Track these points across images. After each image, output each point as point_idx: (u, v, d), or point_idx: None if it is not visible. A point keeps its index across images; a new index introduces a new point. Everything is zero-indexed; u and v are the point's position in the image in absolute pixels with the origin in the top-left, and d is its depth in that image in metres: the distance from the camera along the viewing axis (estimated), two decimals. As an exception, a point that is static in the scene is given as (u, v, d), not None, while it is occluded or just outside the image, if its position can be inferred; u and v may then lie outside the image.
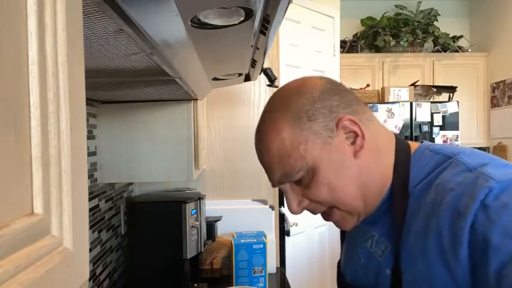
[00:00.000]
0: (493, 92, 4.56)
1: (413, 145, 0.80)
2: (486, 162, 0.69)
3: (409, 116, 3.99)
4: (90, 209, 1.45)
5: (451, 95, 4.26)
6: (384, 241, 0.78)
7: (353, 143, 0.74)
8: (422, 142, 0.81)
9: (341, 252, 0.96)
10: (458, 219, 0.65)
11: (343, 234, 0.96)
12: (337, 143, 0.73)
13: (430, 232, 0.68)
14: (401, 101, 4.05)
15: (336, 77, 3.36)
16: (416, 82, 4.33)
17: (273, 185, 0.80)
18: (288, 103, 0.75)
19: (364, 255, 0.82)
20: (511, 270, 0.59)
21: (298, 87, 0.77)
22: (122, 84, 1.10)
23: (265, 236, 1.86)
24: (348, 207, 0.75)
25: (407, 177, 0.75)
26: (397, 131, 3.97)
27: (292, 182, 0.76)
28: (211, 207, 1.96)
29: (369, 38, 4.64)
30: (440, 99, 4.22)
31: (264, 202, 2.09)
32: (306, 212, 0.81)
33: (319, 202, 0.76)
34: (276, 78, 1.61)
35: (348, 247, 0.91)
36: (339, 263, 0.96)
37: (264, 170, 0.80)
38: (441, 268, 0.66)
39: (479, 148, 4.64)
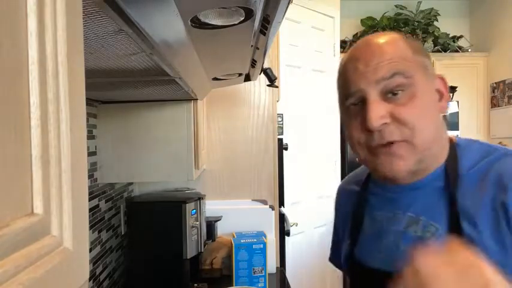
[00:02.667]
0: (493, 92, 4.56)
1: (452, 138, 0.87)
2: None
3: (409, 116, 3.99)
4: (90, 209, 1.45)
5: (451, 95, 4.26)
6: (432, 223, 0.79)
7: (438, 101, 0.82)
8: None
9: (353, 243, 0.94)
10: None
11: (357, 225, 0.94)
12: (433, 88, 0.81)
13: (499, 212, 0.73)
14: (401, 101, 4.04)
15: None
16: (416, 82, 4.32)
17: (359, 91, 0.79)
18: (404, 37, 0.84)
19: (405, 241, 0.82)
20: None
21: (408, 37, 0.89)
22: (122, 84, 1.10)
23: (265, 236, 1.86)
24: (423, 140, 0.77)
25: (457, 162, 0.81)
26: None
27: (383, 97, 0.77)
28: (211, 207, 1.96)
29: (369, 38, 4.63)
30: (440, 99, 4.22)
31: (264, 202, 2.09)
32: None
33: (404, 122, 0.76)
34: (276, 78, 1.61)
35: (373, 238, 0.89)
36: (350, 255, 0.93)
37: (356, 73, 0.80)
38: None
39: (479, 148, 4.61)
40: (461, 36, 4.75)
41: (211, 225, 1.84)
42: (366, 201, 0.94)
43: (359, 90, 0.80)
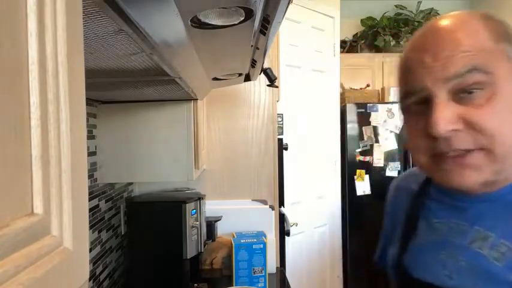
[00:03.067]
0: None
1: None
2: None
3: (409, 116, 3.99)
4: (90, 209, 1.45)
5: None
6: (504, 242, 0.67)
7: None
8: None
9: (400, 249, 0.82)
10: None
11: (409, 230, 0.82)
12: None
13: None
14: (402, 101, 4.04)
15: (336, 77, 3.37)
16: (416, 82, 4.32)
17: (432, 84, 0.65)
18: (485, 19, 0.68)
19: (467, 258, 0.70)
20: None
21: (489, 15, 0.70)
22: (122, 84, 1.10)
23: (265, 236, 1.86)
24: (504, 150, 0.63)
25: None
26: (397, 131, 3.97)
27: (454, 96, 0.64)
28: (211, 207, 1.96)
29: (369, 38, 4.64)
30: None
31: (264, 202, 2.09)
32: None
33: (480, 130, 0.63)
34: (276, 78, 1.61)
35: (428, 247, 0.77)
36: (397, 262, 0.83)
37: (422, 67, 0.66)
38: None
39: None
40: (461, 36, 4.75)
41: (211, 225, 1.84)
42: (423, 205, 0.81)
43: (424, 89, 0.66)
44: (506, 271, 0.65)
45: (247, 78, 1.31)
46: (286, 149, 2.42)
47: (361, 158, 3.55)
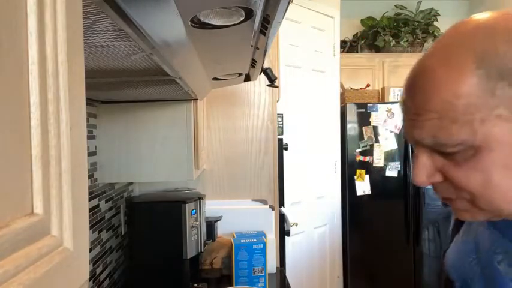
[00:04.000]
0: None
1: None
2: None
3: (409, 116, 3.99)
4: (90, 209, 1.45)
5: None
6: None
7: None
8: None
9: (449, 241, 0.78)
10: None
11: (457, 228, 0.78)
12: None
13: None
14: (401, 101, 4.04)
15: (336, 77, 3.37)
16: (416, 82, 4.32)
17: (409, 140, 0.59)
18: (487, 49, 0.51)
19: (486, 270, 0.65)
20: None
21: (509, 33, 0.51)
22: (122, 84, 1.10)
23: (265, 236, 1.86)
24: (491, 207, 0.56)
25: None
26: (397, 131, 3.97)
27: (434, 150, 0.56)
28: (211, 207, 1.96)
29: (369, 38, 4.64)
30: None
31: (264, 202, 2.09)
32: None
33: (459, 188, 0.56)
34: (276, 78, 1.61)
35: (461, 249, 0.73)
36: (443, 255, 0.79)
37: (405, 117, 0.59)
38: None
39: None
40: (461, 36, 4.75)
41: (211, 225, 1.84)
42: None
43: (407, 139, 0.60)
44: None
45: (247, 78, 1.31)
46: (286, 149, 2.42)
47: (361, 158, 3.55)
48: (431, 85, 0.53)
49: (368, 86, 4.41)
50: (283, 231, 2.26)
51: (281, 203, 2.28)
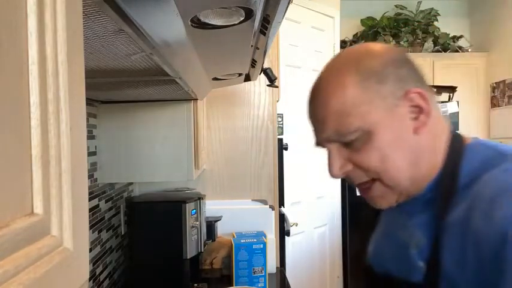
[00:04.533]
0: (493, 92, 4.56)
1: (466, 139, 0.77)
2: None
3: (409, 116, 3.99)
4: (90, 209, 1.45)
5: (451, 95, 4.26)
6: (419, 233, 0.75)
7: (415, 119, 0.72)
8: (475, 138, 0.79)
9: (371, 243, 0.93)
10: (494, 214, 0.63)
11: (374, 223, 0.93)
12: (401, 113, 0.71)
13: (472, 232, 0.66)
14: (401, 101, 4.04)
15: (336, 77, 3.36)
16: (416, 82, 4.32)
17: (319, 143, 0.76)
18: (357, 61, 0.73)
19: (397, 246, 0.79)
20: None
21: (370, 49, 0.75)
22: (122, 84, 1.10)
23: (265, 236, 1.86)
24: (394, 181, 0.72)
25: (458, 171, 0.73)
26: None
27: (340, 144, 0.72)
28: (211, 207, 1.96)
29: (369, 38, 4.64)
30: (440, 99, 4.22)
31: (264, 202, 2.09)
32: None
33: (365, 169, 0.72)
34: (276, 78, 1.61)
35: (380, 237, 0.88)
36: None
37: (313, 127, 0.77)
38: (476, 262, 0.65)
39: (479, 148, 4.61)
40: (461, 36, 4.75)
41: (211, 225, 1.84)
42: None
43: (319, 143, 0.76)
44: (417, 257, 0.74)
45: (247, 78, 1.31)
46: (286, 149, 2.42)
47: (361, 158, 3.55)
48: (326, 96, 0.73)
49: (368, 86, 4.40)
50: (283, 231, 2.26)
51: (281, 203, 2.28)
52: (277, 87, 1.81)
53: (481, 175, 0.69)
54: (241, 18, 0.58)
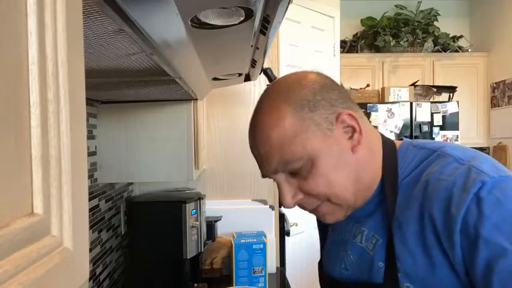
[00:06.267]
0: (493, 92, 4.56)
1: (397, 142, 0.83)
2: (474, 156, 0.73)
3: (409, 116, 3.99)
4: (90, 209, 1.45)
5: (451, 95, 4.26)
6: (374, 235, 0.80)
7: (350, 138, 0.76)
8: (402, 139, 0.85)
9: (321, 253, 0.97)
10: (451, 207, 0.67)
11: (323, 235, 0.97)
12: (336, 136, 0.75)
13: (425, 221, 0.71)
14: (401, 101, 4.05)
15: (336, 77, 3.36)
16: (416, 82, 4.33)
17: (266, 175, 0.79)
18: (288, 93, 0.76)
19: (354, 252, 0.83)
20: (499, 265, 0.63)
21: (298, 80, 0.78)
22: (122, 84, 1.10)
23: (265, 236, 1.86)
24: (341, 200, 0.76)
25: (396, 172, 0.78)
26: (397, 131, 3.97)
27: (288, 174, 0.76)
28: (211, 207, 1.96)
29: (369, 38, 4.64)
30: (440, 99, 4.22)
31: (264, 202, 2.09)
32: (305, 212, 0.82)
33: (314, 195, 0.76)
34: (275, 78, 1.61)
35: (333, 246, 0.91)
36: (320, 263, 0.96)
37: (257, 160, 0.79)
38: (439, 254, 0.69)
39: (479, 148, 4.65)
40: (461, 36, 4.75)
41: (211, 225, 1.84)
42: None
43: (266, 176, 0.79)
44: (376, 258, 0.78)
45: (247, 78, 1.31)
46: (286, 149, 2.42)
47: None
48: (266, 130, 0.75)
49: (368, 86, 4.41)
50: (283, 231, 2.26)
51: (281, 203, 2.28)
52: (277, 87, 1.80)
53: (420, 175, 0.75)
54: (241, 18, 0.58)
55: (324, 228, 0.97)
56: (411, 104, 4.01)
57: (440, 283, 0.70)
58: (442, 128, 4.04)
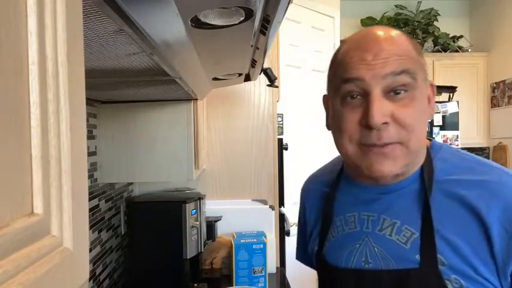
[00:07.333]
0: (493, 92, 4.56)
1: (426, 141, 0.86)
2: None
3: (409, 116, 3.99)
4: (90, 209, 1.45)
5: (451, 95, 4.26)
6: (408, 228, 0.79)
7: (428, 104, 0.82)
8: (430, 139, 0.88)
9: (320, 245, 0.93)
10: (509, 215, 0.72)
11: (325, 225, 0.93)
12: (426, 94, 0.81)
13: (475, 222, 0.73)
14: (401, 101, 4.04)
15: (336, 77, 3.36)
16: (416, 82, 4.32)
17: (363, 87, 0.76)
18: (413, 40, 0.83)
19: (380, 245, 0.81)
20: None
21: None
22: (122, 84, 1.10)
23: (265, 236, 1.86)
24: (416, 145, 0.77)
25: (432, 167, 0.81)
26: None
27: (386, 95, 0.75)
28: (211, 207, 1.96)
29: (369, 38, 4.63)
30: (440, 99, 4.22)
31: (264, 202, 2.09)
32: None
33: (402, 125, 0.75)
34: (276, 78, 1.61)
35: (344, 239, 0.87)
36: (317, 255, 0.93)
37: (365, 64, 0.76)
38: (484, 251, 0.73)
39: (479, 148, 4.63)
40: (461, 36, 4.75)
41: (211, 225, 1.84)
42: (335, 201, 0.92)
43: (363, 81, 0.76)
44: (412, 251, 0.77)
45: (247, 78, 1.31)
46: (286, 149, 2.42)
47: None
48: (400, 37, 0.79)
49: (368, 86, 4.40)
50: (283, 231, 2.26)
51: (281, 203, 2.28)
52: (277, 87, 1.81)
53: (466, 174, 0.78)
54: (241, 18, 0.58)
55: (328, 219, 0.92)
56: (411, 104, 4.00)
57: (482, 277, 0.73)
58: (442, 128, 4.04)
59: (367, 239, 0.83)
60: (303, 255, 1.07)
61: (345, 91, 0.79)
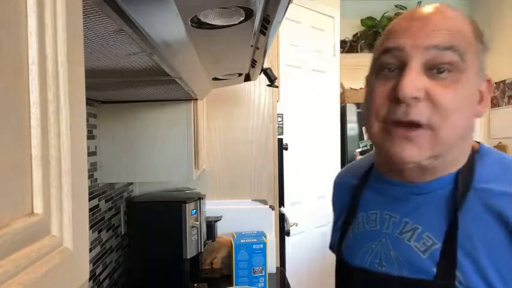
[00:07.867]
0: (493, 92, 4.56)
1: (475, 144, 0.77)
2: None
3: (409, 116, 3.99)
4: (90, 209, 1.45)
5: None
6: (429, 236, 0.71)
7: (480, 102, 0.72)
8: (479, 142, 0.79)
9: (340, 239, 0.89)
10: None
11: (348, 220, 0.88)
12: (478, 88, 0.71)
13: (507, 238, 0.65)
14: (401, 101, 4.04)
15: (336, 77, 3.37)
16: (416, 82, 4.32)
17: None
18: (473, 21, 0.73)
19: (397, 249, 0.74)
20: None
21: None
22: (122, 84, 1.09)
23: (265, 236, 1.86)
24: (449, 136, 0.67)
25: (473, 172, 0.71)
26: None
27: (427, 71, 0.67)
28: (211, 207, 1.96)
29: (369, 38, 4.64)
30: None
31: (264, 202, 2.09)
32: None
33: (437, 105, 0.65)
34: (276, 78, 1.61)
35: (362, 236, 0.82)
36: (333, 248, 0.90)
37: (416, 29, 0.68)
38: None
39: (479, 148, 4.61)
40: (461, 36, 4.75)
41: (211, 225, 1.84)
42: (362, 196, 0.86)
43: (402, 50, 0.68)
44: (429, 263, 0.69)
45: (247, 78, 1.31)
46: (286, 149, 2.42)
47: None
48: (457, 14, 0.70)
49: (368, 86, 4.40)
50: (283, 231, 2.26)
51: (281, 203, 2.28)
52: (277, 87, 1.80)
53: (503, 190, 0.68)
54: (241, 18, 0.58)
55: (353, 212, 0.87)
56: (411, 104, 4.00)
57: None
58: (442, 128, 4.04)
59: (384, 240, 0.77)
60: (331, 245, 1.03)
61: (382, 62, 0.70)
